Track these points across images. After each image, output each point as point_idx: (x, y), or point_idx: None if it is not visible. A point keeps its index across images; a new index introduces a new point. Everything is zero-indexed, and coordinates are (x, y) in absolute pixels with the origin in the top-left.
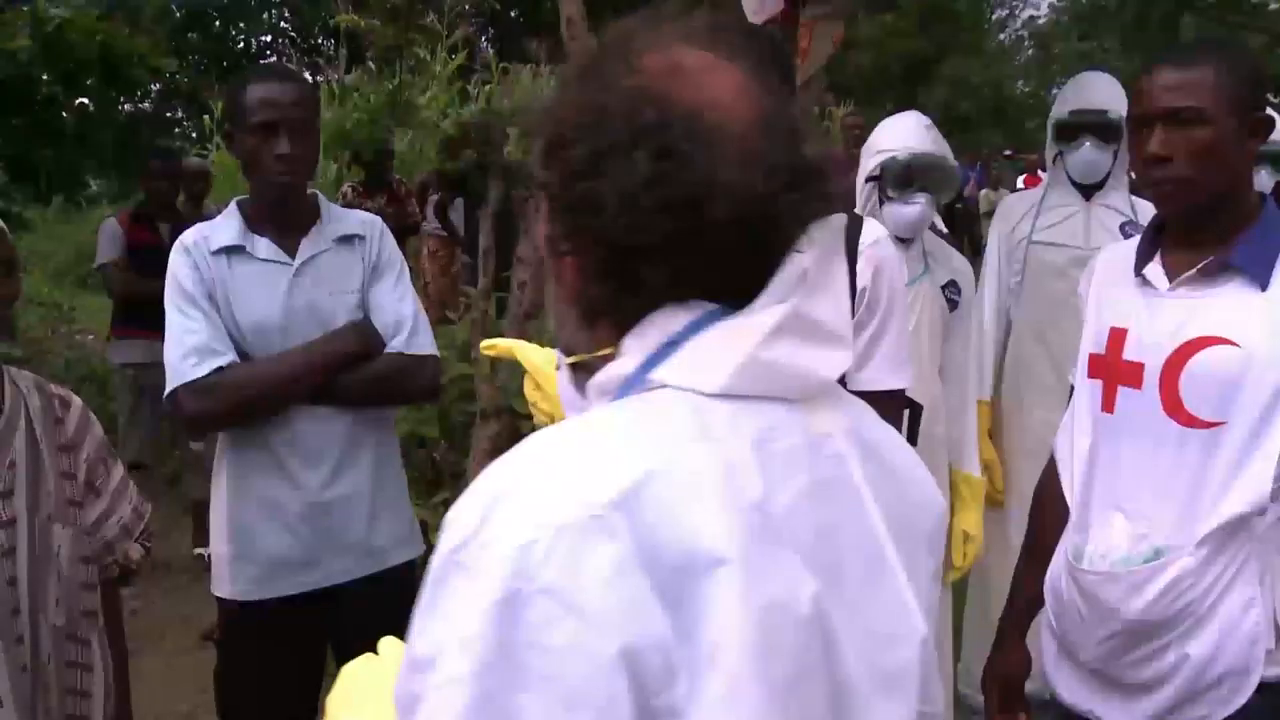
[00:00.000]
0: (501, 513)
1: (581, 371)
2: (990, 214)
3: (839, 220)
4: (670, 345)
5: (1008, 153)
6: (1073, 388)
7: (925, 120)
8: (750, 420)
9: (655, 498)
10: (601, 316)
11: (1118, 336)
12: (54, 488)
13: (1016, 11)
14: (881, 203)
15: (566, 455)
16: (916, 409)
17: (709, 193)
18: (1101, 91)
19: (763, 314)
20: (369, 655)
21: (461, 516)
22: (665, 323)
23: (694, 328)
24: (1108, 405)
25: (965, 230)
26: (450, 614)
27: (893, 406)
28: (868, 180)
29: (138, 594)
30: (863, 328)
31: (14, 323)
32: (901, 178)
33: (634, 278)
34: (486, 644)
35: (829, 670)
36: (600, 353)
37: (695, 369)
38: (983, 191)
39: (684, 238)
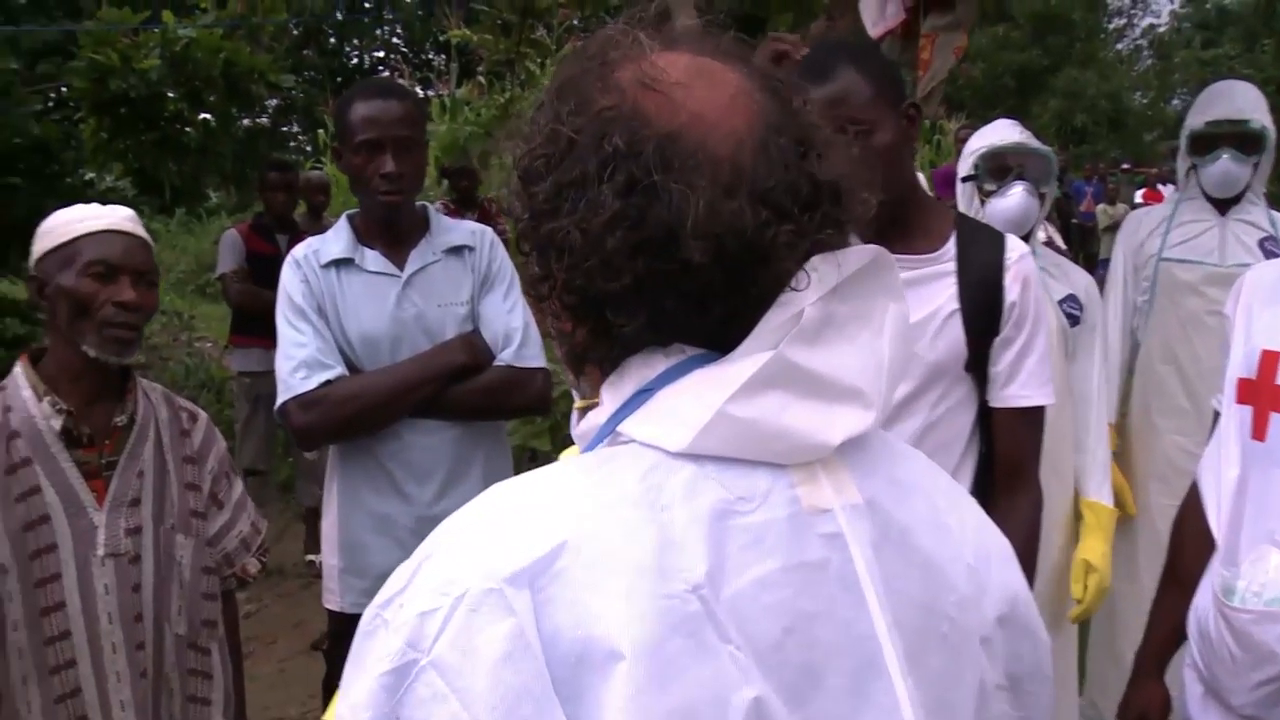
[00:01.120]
0: (422, 574)
1: (583, 416)
2: (1109, 229)
3: (866, 254)
4: (642, 394)
5: (1125, 166)
6: (1216, 413)
7: (1011, 120)
8: (715, 487)
9: (563, 574)
10: (586, 362)
11: (1270, 360)
12: (178, 498)
13: (1135, 20)
14: (983, 203)
15: (492, 518)
16: None
17: (684, 230)
18: (1242, 100)
19: (741, 363)
20: None
21: (400, 569)
22: (641, 370)
23: (668, 376)
24: (1258, 432)
25: (1082, 247)
26: (358, 674)
27: (1035, 423)
28: (964, 180)
29: (251, 598)
30: (1009, 344)
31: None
32: (997, 169)
33: (607, 324)
34: (373, 716)
35: None
36: (593, 400)
37: (661, 423)
38: (1100, 207)
39: (658, 280)
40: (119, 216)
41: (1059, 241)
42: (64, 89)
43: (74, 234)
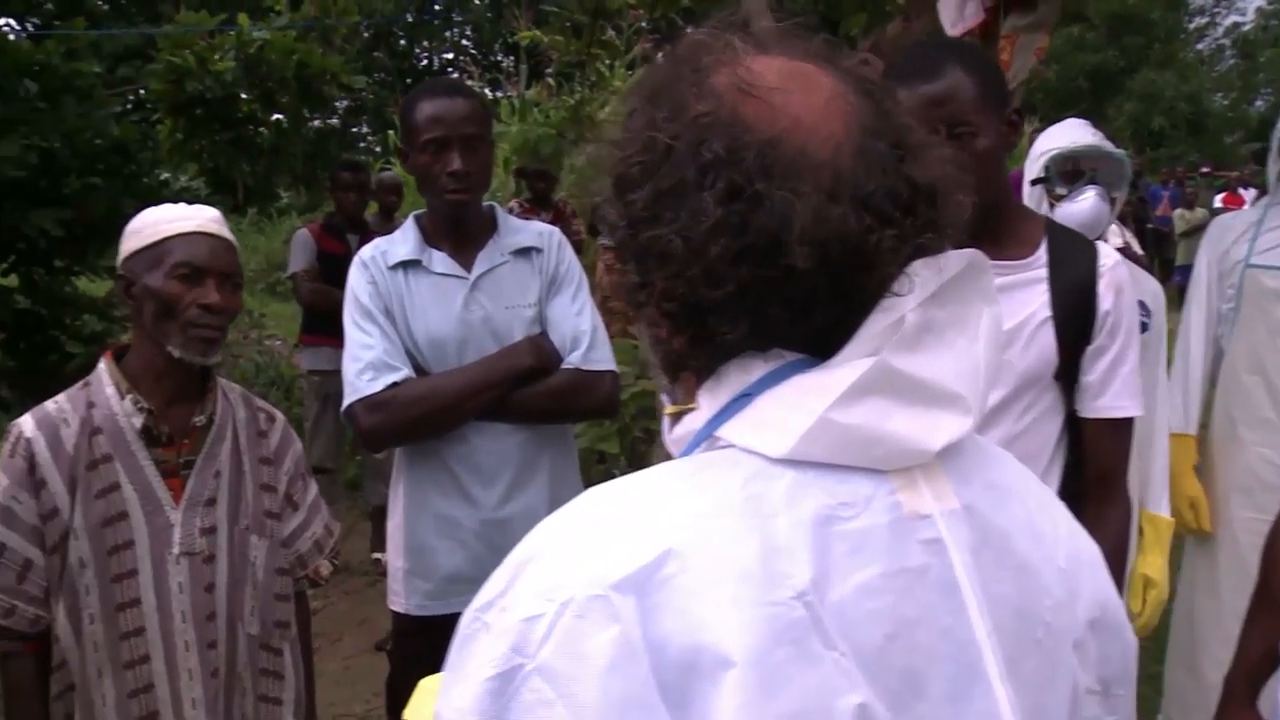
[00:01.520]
0: (524, 578)
1: (676, 421)
2: (1186, 235)
3: (965, 258)
4: (741, 399)
5: (1205, 170)
6: None
7: (1083, 120)
8: (818, 493)
9: (669, 581)
10: (682, 369)
11: None
12: (253, 499)
13: (1218, 19)
14: (1052, 207)
15: (595, 523)
16: None
17: (789, 237)
18: None
19: (844, 369)
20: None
21: (498, 573)
22: (739, 375)
23: (767, 381)
24: None
25: (1157, 252)
26: (461, 677)
27: (1126, 434)
28: (1033, 184)
29: (317, 595)
30: (1103, 353)
31: None
32: (1068, 173)
33: (708, 332)
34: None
35: None
36: (688, 405)
37: (761, 429)
38: (1177, 211)
39: (762, 287)
40: (206, 218)
41: (1135, 247)
42: (142, 91)
43: (162, 235)
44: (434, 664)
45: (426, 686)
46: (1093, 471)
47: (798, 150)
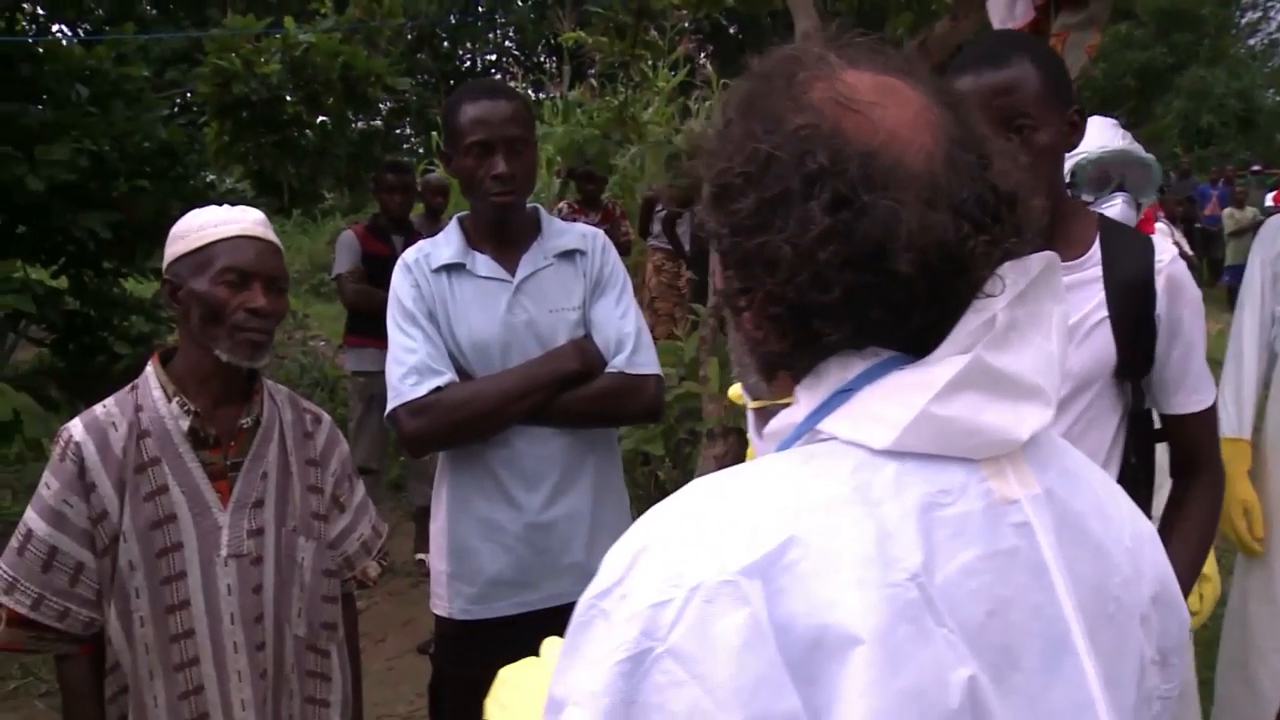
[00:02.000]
0: (644, 565)
1: (762, 416)
2: (1236, 234)
3: (1044, 259)
4: (841, 395)
5: (1255, 168)
6: None
7: (1111, 121)
8: (919, 482)
9: (793, 566)
10: (780, 368)
11: None
12: (300, 501)
13: (1271, 13)
14: None
15: (714, 511)
16: None
17: (894, 244)
18: None
19: (941, 365)
20: (529, 660)
21: (611, 562)
22: (839, 371)
23: (867, 377)
24: None
25: (1205, 252)
26: (584, 661)
27: (1210, 420)
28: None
29: (361, 595)
30: (1170, 351)
31: None
32: (1097, 179)
33: (812, 333)
34: (611, 701)
35: None
36: (780, 401)
37: (863, 422)
38: (1226, 211)
39: (866, 292)
40: (251, 221)
41: (1185, 247)
42: (189, 94)
43: (208, 239)
44: (477, 667)
45: (506, 676)
46: (1183, 454)
47: (895, 161)
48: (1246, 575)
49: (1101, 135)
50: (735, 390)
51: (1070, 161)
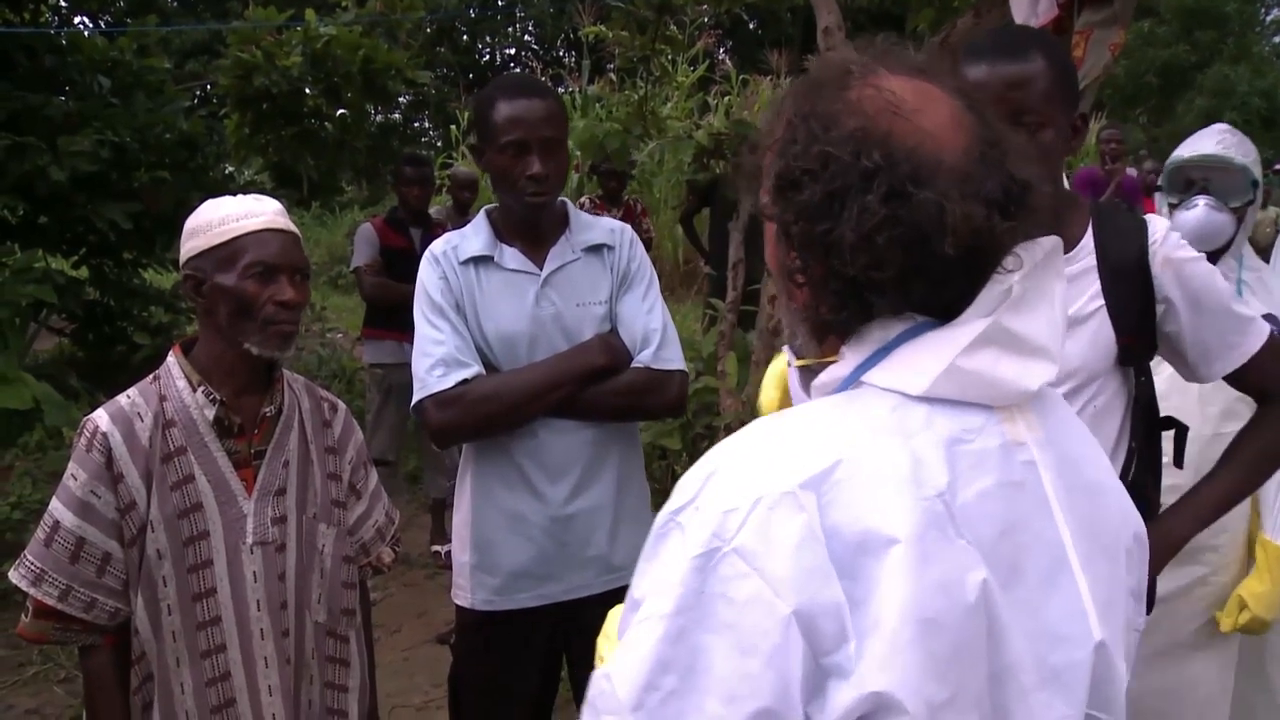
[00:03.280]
0: (715, 483)
1: (808, 373)
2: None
3: (1051, 241)
4: (882, 352)
5: (1278, 167)
6: None
7: (1225, 128)
8: (947, 421)
9: (843, 481)
10: (830, 333)
11: None
12: (321, 488)
13: None
14: (1171, 214)
15: (775, 440)
16: (1182, 430)
17: (938, 230)
18: None
19: (967, 326)
20: None
21: (686, 483)
22: (881, 333)
23: (905, 337)
24: None
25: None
26: (661, 564)
27: (1265, 360)
28: (1156, 190)
29: (376, 586)
30: (1180, 329)
31: None
32: (1178, 182)
33: (865, 304)
34: (686, 590)
35: (991, 655)
36: (825, 360)
37: (901, 373)
38: None
39: (913, 270)
40: (272, 213)
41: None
42: (209, 86)
43: (231, 234)
44: (500, 659)
45: (614, 614)
46: (1258, 395)
47: (936, 158)
48: None
49: (1195, 142)
50: (766, 396)
51: (1167, 166)
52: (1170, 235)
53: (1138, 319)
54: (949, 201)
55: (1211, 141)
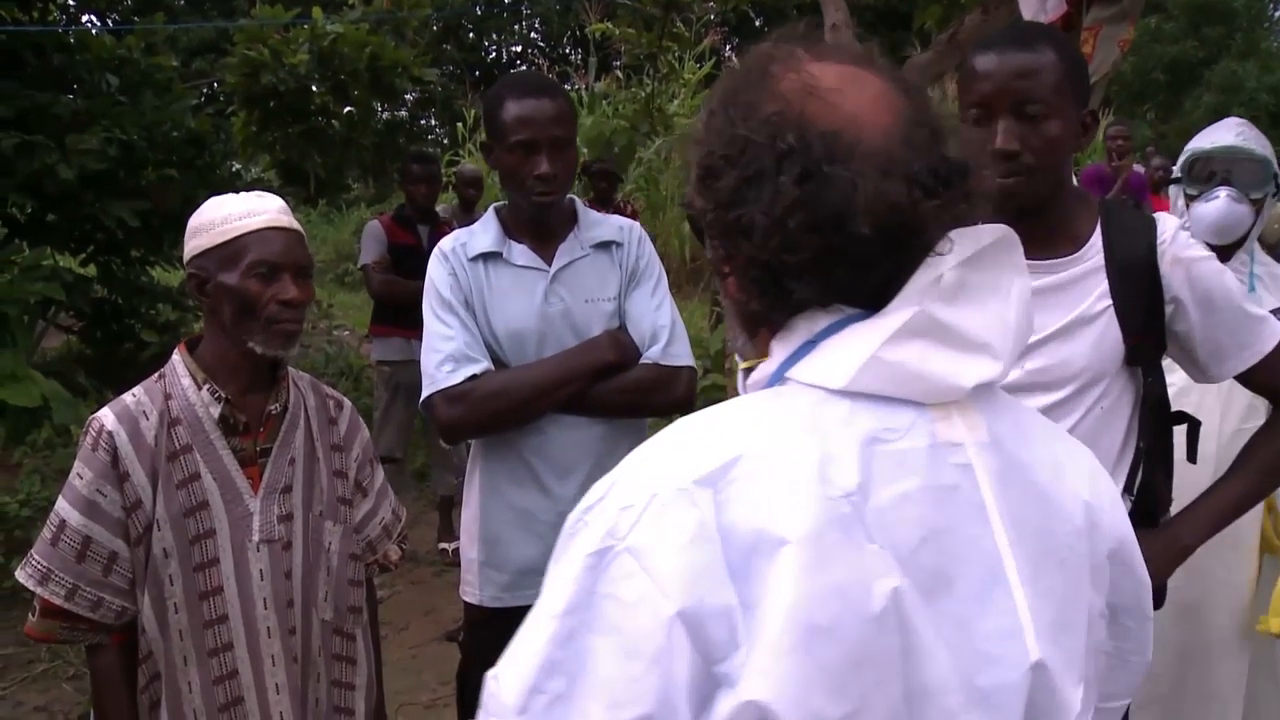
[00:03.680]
0: (620, 482)
1: (749, 374)
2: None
3: (996, 230)
4: (807, 346)
5: None
6: None
7: (1241, 121)
8: (868, 419)
9: (740, 478)
10: (760, 326)
11: None
12: (327, 485)
13: None
14: (1188, 207)
15: (681, 438)
16: (1195, 425)
17: (852, 209)
18: None
19: (892, 316)
20: None
21: (599, 484)
22: (807, 326)
23: (830, 330)
24: None
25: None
26: (562, 564)
27: (1275, 357)
28: (1172, 182)
29: (384, 584)
30: (1191, 329)
31: None
32: (1200, 174)
33: (785, 292)
34: (578, 589)
35: (907, 672)
36: (762, 358)
37: (824, 367)
38: None
39: (830, 253)
40: (275, 211)
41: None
42: (215, 84)
43: (233, 233)
44: None
45: None
46: (1270, 395)
47: (855, 139)
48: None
49: (1215, 133)
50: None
51: (1184, 157)
52: (1179, 234)
53: (1146, 318)
54: (863, 180)
55: (1231, 134)
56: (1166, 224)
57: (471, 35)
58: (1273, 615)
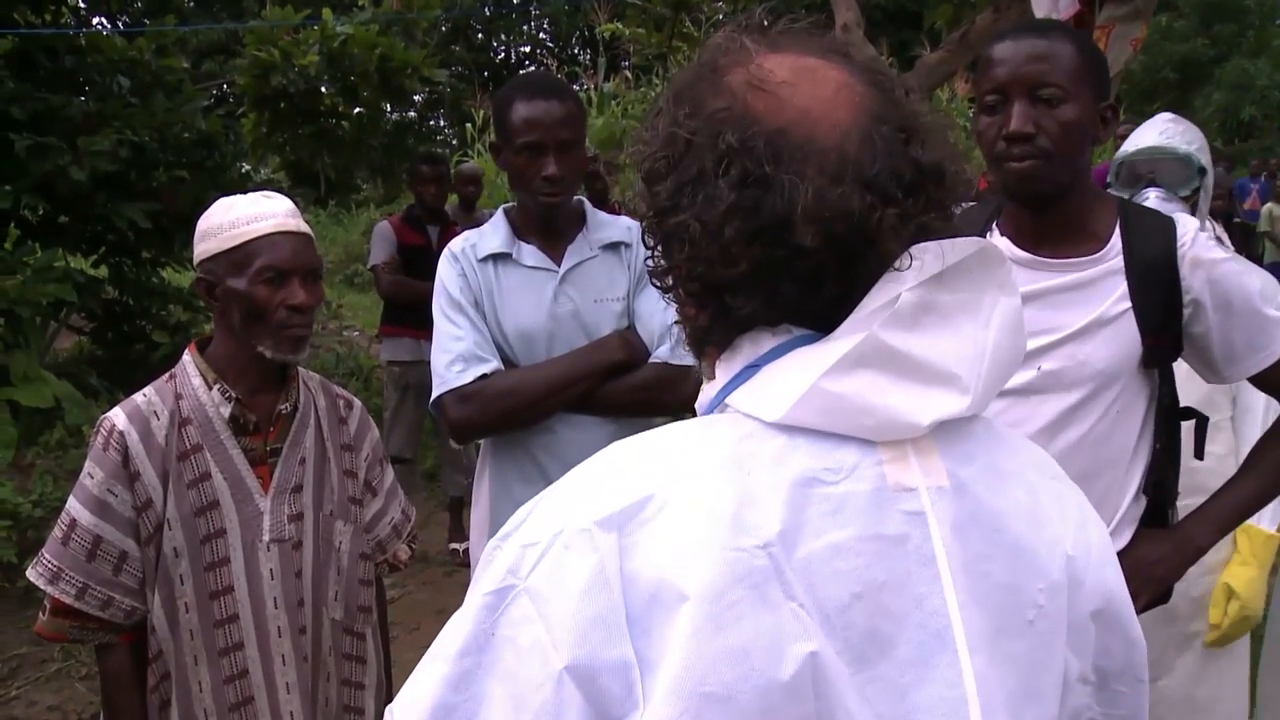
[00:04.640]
0: (535, 513)
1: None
2: (1269, 234)
3: (972, 244)
4: (749, 370)
5: None
6: None
7: (1171, 117)
8: (805, 457)
9: (649, 521)
10: (705, 344)
11: None
12: (337, 485)
13: None
14: None
15: (599, 470)
16: (1203, 420)
17: (796, 217)
18: None
19: (838, 341)
20: None
21: (521, 509)
22: (751, 347)
23: (775, 353)
24: None
25: (1243, 248)
26: (471, 593)
27: None
28: (1105, 188)
29: (395, 584)
30: (1209, 331)
31: None
32: (1127, 177)
33: (726, 308)
34: (475, 629)
35: None
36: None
37: (761, 396)
38: (1266, 206)
39: (773, 265)
40: (282, 213)
41: (1227, 242)
42: (225, 85)
43: (241, 238)
44: None
45: None
46: (1277, 395)
47: (805, 138)
48: None
49: (1138, 136)
50: None
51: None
52: (1199, 236)
53: (1164, 320)
54: (806, 183)
55: (1155, 133)
56: (1186, 225)
57: (480, 36)
58: (1214, 606)
